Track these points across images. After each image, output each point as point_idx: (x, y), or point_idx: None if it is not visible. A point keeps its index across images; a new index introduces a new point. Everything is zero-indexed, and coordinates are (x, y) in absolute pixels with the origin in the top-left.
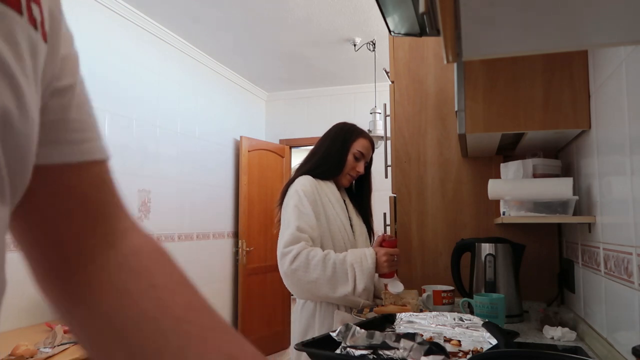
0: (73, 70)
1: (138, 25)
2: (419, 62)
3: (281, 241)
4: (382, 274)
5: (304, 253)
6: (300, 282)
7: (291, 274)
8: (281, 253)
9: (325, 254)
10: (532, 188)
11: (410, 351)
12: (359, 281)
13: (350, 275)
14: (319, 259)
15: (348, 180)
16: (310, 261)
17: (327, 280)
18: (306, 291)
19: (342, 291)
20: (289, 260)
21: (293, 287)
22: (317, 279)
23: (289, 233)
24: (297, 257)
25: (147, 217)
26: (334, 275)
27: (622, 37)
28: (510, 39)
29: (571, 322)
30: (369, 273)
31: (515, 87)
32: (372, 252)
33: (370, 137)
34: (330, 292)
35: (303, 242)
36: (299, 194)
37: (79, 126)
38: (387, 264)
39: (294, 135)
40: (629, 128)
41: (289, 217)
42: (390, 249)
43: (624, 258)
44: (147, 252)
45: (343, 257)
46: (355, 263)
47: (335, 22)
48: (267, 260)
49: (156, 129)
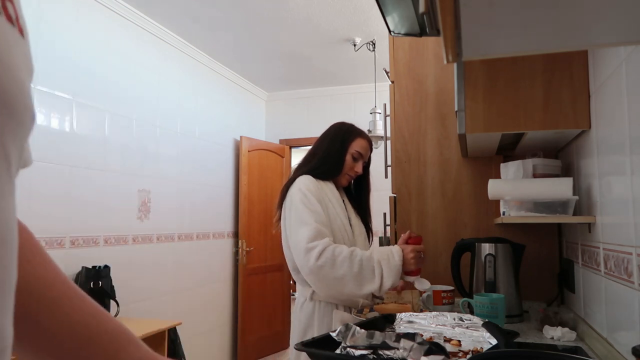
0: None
1: (138, 25)
2: (419, 62)
3: (301, 237)
4: (408, 271)
5: (330, 249)
6: (327, 278)
7: (317, 270)
8: (305, 249)
9: (351, 251)
10: (532, 188)
11: (410, 351)
12: (386, 278)
13: (377, 272)
14: (345, 255)
15: (346, 180)
16: (336, 257)
17: (353, 277)
18: (332, 288)
19: (369, 288)
20: (315, 256)
21: (318, 283)
22: (343, 276)
23: (309, 229)
24: (322, 252)
25: (147, 217)
26: (361, 272)
27: (622, 37)
28: (510, 39)
29: (571, 322)
30: (396, 270)
31: (515, 87)
32: (399, 249)
33: (369, 137)
34: (356, 289)
35: (327, 238)
36: (304, 193)
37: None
38: (414, 261)
39: (294, 135)
40: (629, 128)
41: (301, 214)
42: (417, 246)
43: (624, 258)
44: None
45: (369, 254)
46: (382, 260)
47: (335, 22)
48: (267, 260)
49: (156, 129)
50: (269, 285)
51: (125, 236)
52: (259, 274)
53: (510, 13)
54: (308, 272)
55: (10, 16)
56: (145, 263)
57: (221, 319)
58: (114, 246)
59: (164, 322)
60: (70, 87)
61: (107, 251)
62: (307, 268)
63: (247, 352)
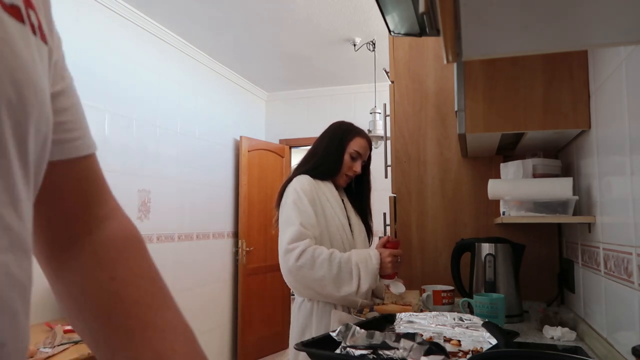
0: (62, 74)
1: (138, 25)
2: (419, 62)
3: (284, 237)
4: (384, 274)
5: (310, 250)
6: (305, 279)
7: (296, 270)
8: (285, 249)
9: (330, 252)
10: (532, 188)
11: (410, 351)
12: (363, 281)
13: (354, 275)
14: (324, 257)
15: (345, 180)
16: (316, 259)
17: (332, 279)
18: (310, 289)
19: (346, 290)
20: (295, 256)
21: (296, 284)
22: (322, 277)
23: (293, 230)
24: (302, 254)
25: (147, 217)
26: (339, 274)
27: (622, 37)
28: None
29: (571, 322)
30: (373, 273)
31: (515, 87)
32: (377, 252)
33: (368, 136)
34: (334, 291)
35: (308, 240)
36: (297, 193)
37: (69, 126)
38: (391, 265)
39: (293, 135)
40: (629, 128)
41: (289, 214)
42: (395, 250)
43: (624, 258)
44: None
45: (348, 257)
46: (360, 263)
47: (335, 22)
48: (267, 260)
49: (156, 129)
50: (268, 285)
51: None
52: (258, 274)
53: (510, 13)
54: (287, 273)
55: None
56: None
57: (221, 319)
58: None
59: None
60: None
61: None
62: (285, 268)
63: (247, 352)
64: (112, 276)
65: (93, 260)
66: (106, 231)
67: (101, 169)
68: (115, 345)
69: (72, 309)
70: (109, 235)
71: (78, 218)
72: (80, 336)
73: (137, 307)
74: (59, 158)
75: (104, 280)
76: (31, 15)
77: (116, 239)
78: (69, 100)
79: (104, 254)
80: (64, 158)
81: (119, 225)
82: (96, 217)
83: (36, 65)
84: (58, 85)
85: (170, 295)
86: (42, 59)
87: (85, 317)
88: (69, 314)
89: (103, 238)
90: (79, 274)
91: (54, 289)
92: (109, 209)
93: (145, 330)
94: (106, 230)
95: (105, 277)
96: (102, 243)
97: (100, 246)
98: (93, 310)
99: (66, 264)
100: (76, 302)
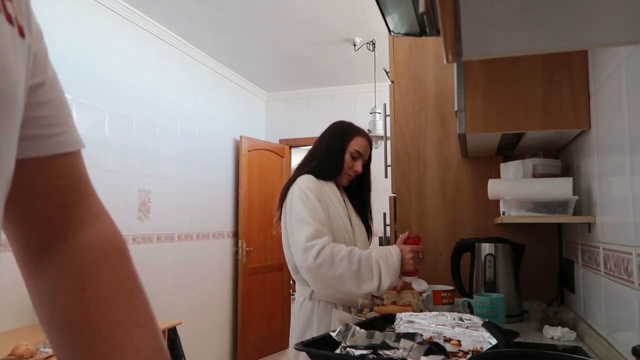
0: (43, 67)
1: (138, 25)
2: (419, 62)
3: (300, 236)
4: (405, 272)
5: (329, 248)
6: (325, 277)
7: (315, 268)
8: (303, 247)
9: (350, 250)
10: (532, 188)
11: (410, 351)
12: (384, 278)
13: (375, 272)
14: (344, 254)
15: (347, 179)
16: (335, 256)
17: (352, 275)
18: (330, 287)
19: (367, 288)
20: (314, 254)
21: (316, 282)
22: (342, 275)
23: (309, 228)
24: (321, 251)
25: (147, 217)
26: (359, 271)
27: (622, 37)
28: (510, 39)
29: (571, 322)
30: (394, 270)
31: (515, 87)
32: (397, 249)
33: (368, 135)
34: (355, 288)
35: (326, 237)
36: (304, 192)
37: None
38: (413, 262)
39: (293, 135)
40: (629, 128)
41: (301, 213)
42: (415, 247)
43: (624, 258)
44: (94, 250)
45: (368, 254)
46: (380, 259)
47: (335, 22)
48: (267, 260)
49: (156, 129)
50: (268, 285)
51: (125, 236)
52: (258, 273)
53: (510, 13)
54: (306, 271)
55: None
56: (145, 263)
57: (221, 318)
58: None
59: (164, 321)
60: (70, 87)
61: None
62: (305, 267)
63: (247, 352)
64: (83, 287)
65: (65, 268)
66: (83, 237)
67: (86, 169)
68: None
69: (42, 318)
70: (84, 243)
71: (53, 221)
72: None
73: (105, 323)
74: (37, 155)
75: (74, 291)
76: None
77: (91, 247)
78: (49, 94)
79: (77, 262)
80: (42, 155)
81: (97, 231)
82: (74, 221)
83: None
84: (38, 78)
85: (146, 311)
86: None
87: (53, 329)
88: (40, 322)
89: (78, 245)
90: (50, 282)
91: (29, 294)
92: (90, 214)
93: (110, 351)
94: (83, 236)
95: (76, 288)
96: (76, 250)
97: (73, 253)
98: (60, 322)
99: (39, 270)
100: (45, 312)
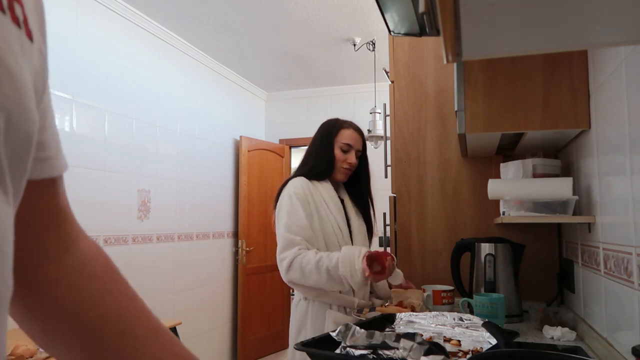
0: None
1: (138, 25)
2: (419, 62)
3: (278, 247)
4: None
5: (297, 260)
6: (302, 287)
7: (289, 281)
8: (278, 260)
9: (317, 260)
10: (532, 188)
11: (410, 351)
12: (355, 289)
13: (345, 283)
14: (312, 267)
15: (343, 173)
16: (304, 268)
17: (325, 283)
18: (312, 291)
19: (342, 289)
20: (285, 268)
21: (297, 289)
22: (316, 283)
23: (281, 239)
24: (291, 265)
25: (147, 217)
26: (329, 280)
27: (622, 37)
28: (510, 39)
29: (571, 322)
30: (362, 285)
31: (515, 87)
32: (361, 266)
33: (355, 125)
34: (335, 287)
35: (296, 248)
36: (290, 196)
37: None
38: (374, 277)
39: (293, 135)
40: (629, 128)
41: (281, 222)
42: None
43: (624, 258)
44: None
45: (335, 263)
46: (346, 275)
47: (335, 22)
48: (267, 260)
49: (156, 129)
50: (268, 285)
51: (125, 236)
52: (258, 273)
53: (510, 13)
54: (286, 281)
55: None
56: (145, 263)
57: (221, 319)
58: (114, 246)
59: (164, 322)
60: (70, 87)
61: (107, 251)
62: (283, 277)
63: (247, 352)
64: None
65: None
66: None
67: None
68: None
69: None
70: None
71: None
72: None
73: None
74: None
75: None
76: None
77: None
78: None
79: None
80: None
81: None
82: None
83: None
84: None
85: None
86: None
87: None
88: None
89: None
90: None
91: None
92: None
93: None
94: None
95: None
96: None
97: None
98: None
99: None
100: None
